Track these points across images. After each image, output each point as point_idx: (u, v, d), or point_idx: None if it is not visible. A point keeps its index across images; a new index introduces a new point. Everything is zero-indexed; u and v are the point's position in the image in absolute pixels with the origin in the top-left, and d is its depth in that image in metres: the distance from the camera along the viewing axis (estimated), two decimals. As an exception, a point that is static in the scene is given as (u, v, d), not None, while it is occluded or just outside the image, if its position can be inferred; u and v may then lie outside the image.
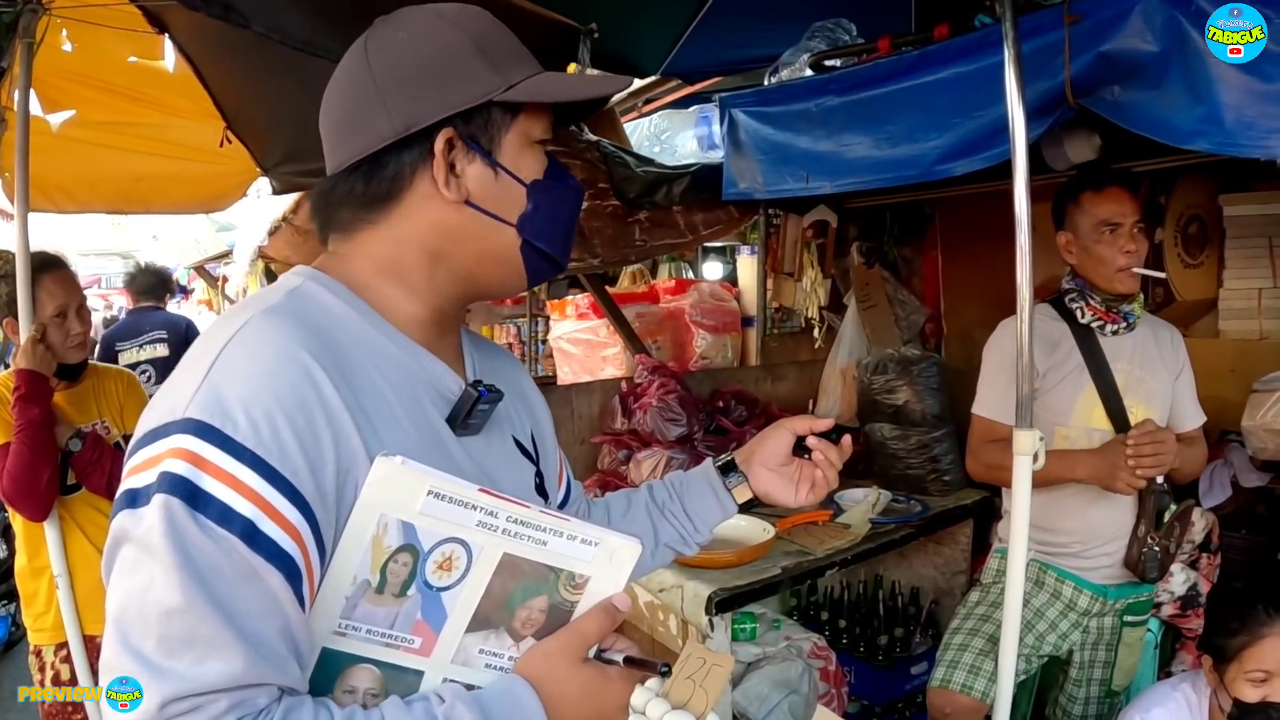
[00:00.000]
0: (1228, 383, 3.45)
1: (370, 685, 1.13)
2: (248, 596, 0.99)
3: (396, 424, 1.18)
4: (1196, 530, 3.74)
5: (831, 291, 5.30)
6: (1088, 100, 2.79)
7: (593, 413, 4.21)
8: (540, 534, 1.16)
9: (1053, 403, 3.00)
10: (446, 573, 1.12)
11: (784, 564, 3.35)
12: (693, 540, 1.75)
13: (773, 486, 1.69)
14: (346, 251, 1.30)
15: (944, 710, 3.03)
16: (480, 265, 1.31)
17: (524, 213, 1.30)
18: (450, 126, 1.23)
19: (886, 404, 4.37)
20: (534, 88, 1.28)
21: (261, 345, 1.09)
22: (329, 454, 1.07)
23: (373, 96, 1.24)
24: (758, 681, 3.55)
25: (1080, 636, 3.14)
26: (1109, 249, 2.90)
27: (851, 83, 3.53)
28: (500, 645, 1.18)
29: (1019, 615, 2.49)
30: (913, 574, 4.64)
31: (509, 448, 1.43)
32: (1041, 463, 2.45)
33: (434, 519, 1.10)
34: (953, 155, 3.19)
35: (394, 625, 1.12)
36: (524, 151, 1.30)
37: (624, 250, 4.34)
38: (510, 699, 1.12)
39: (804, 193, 3.88)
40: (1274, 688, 2.44)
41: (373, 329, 1.24)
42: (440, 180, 1.24)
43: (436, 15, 1.29)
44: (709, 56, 4.79)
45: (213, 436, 1.00)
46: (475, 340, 1.51)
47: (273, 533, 1.01)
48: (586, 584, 1.21)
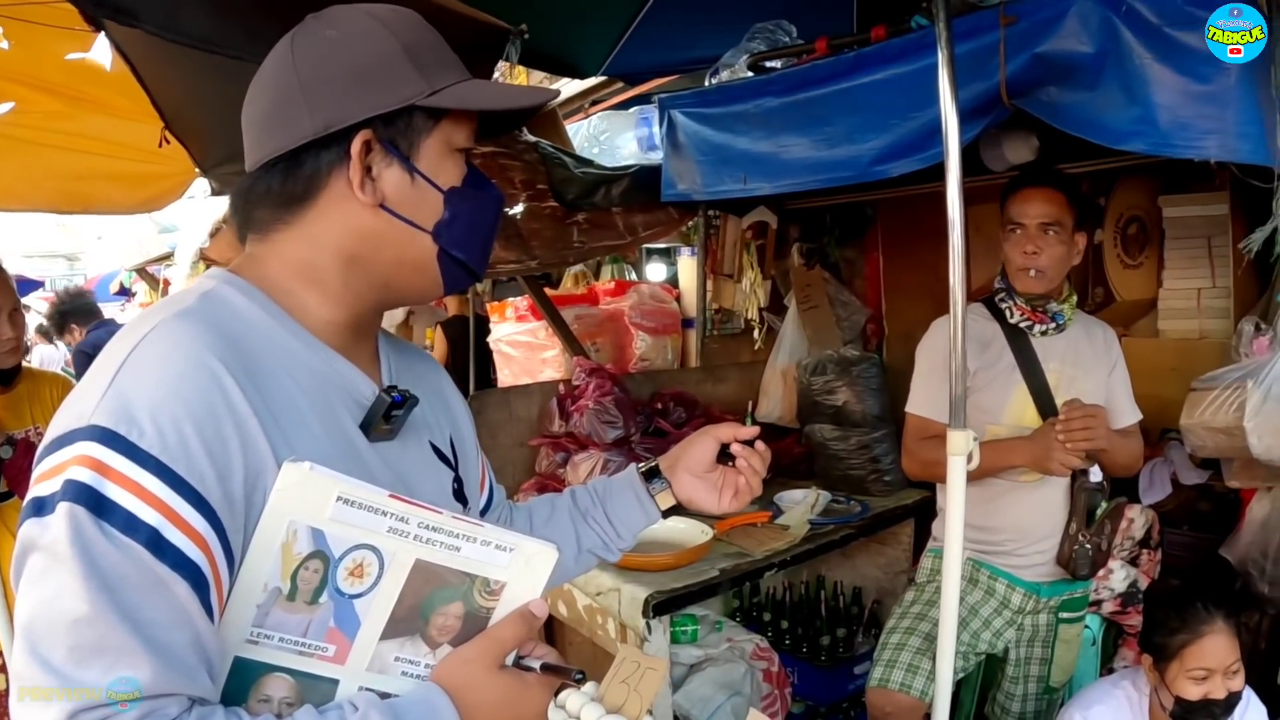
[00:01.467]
0: (1168, 382, 3.45)
1: (285, 694, 1.11)
2: (155, 606, 0.98)
3: (308, 429, 1.17)
4: (1137, 526, 3.78)
5: (772, 293, 5.33)
6: (1023, 101, 2.83)
7: (531, 415, 4.19)
8: (453, 540, 1.14)
9: (985, 401, 3.02)
10: (358, 579, 1.11)
11: (722, 566, 3.34)
12: (615, 546, 1.76)
13: (696, 493, 1.70)
14: (263, 254, 1.28)
15: (884, 709, 3.03)
16: (396, 271, 1.30)
17: (440, 220, 1.28)
18: (369, 128, 1.22)
19: (826, 405, 4.38)
20: (458, 95, 1.27)
21: (170, 350, 1.07)
22: (236, 460, 1.06)
23: (296, 93, 1.22)
24: (700, 684, 3.55)
25: (1015, 634, 3.16)
26: (1013, 248, 2.94)
27: (790, 84, 3.56)
28: (416, 653, 1.17)
29: (955, 614, 2.50)
30: (856, 574, 4.65)
31: (426, 453, 1.42)
32: (976, 463, 2.46)
33: (344, 525, 1.08)
34: (890, 156, 3.22)
35: (307, 633, 1.10)
36: (444, 159, 1.28)
37: (562, 252, 4.34)
38: (426, 707, 1.10)
39: (742, 194, 3.90)
40: (1215, 684, 2.48)
41: (286, 333, 1.22)
42: (355, 182, 1.22)
43: (368, 16, 1.27)
44: (650, 57, 4.79)
45: (118, 444, 0.99)
46: (395, 344, 1.49)
47: (179, 541, 0.99)
48: (503, 590, 1.19)
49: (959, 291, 2.41)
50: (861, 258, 5.63)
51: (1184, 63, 2.46)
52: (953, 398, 2.46)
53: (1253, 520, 3.24)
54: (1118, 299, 4.36)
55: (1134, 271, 4.41)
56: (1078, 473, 2.91)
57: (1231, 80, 2.39)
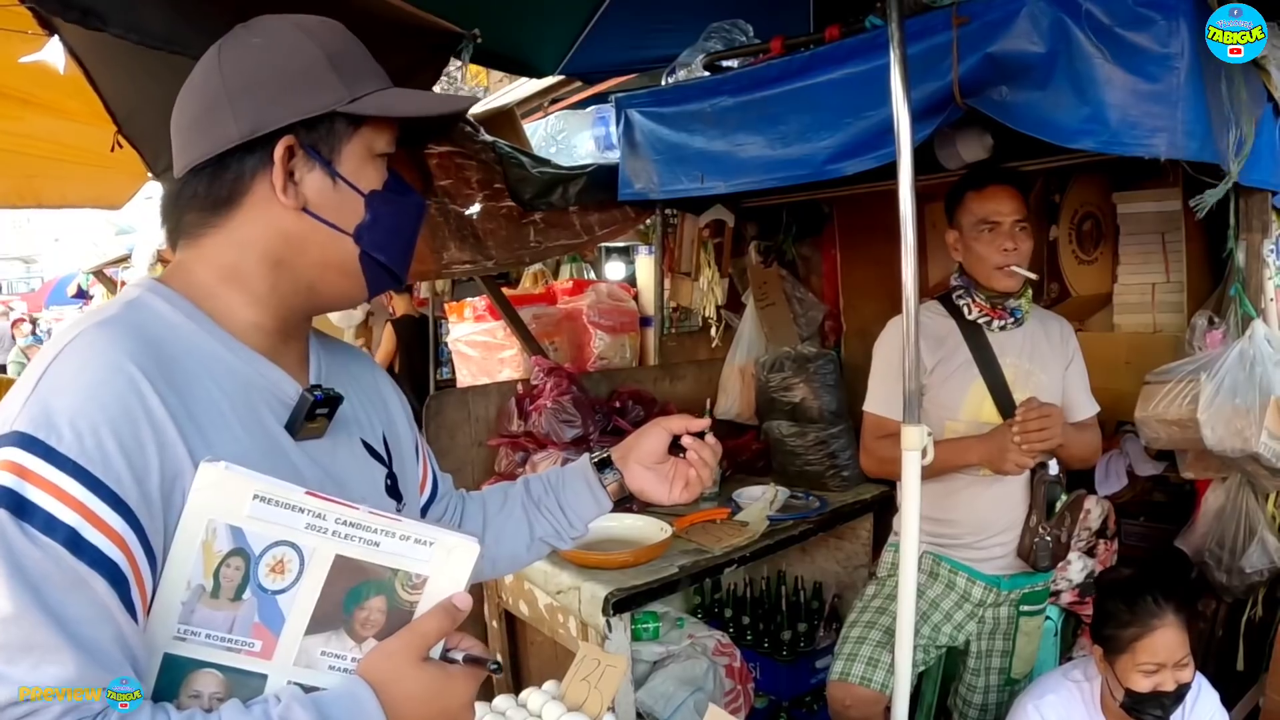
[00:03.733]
0: (1123, 375, 3.54)
1: (215, 689, 1.14)
2: (78, 603, 1.01)
3: (230, 431, 1.20)
4: (1093, 517, 3.83)
5: (730, 290, 5.34)
6: (975, 100, 2.87)
7: (489, 415, 4.20)
8: (371, 535, 1.17)
9: (942, 398, 3.05)
10: (280, 575, 1.14)
11: (681, 563, 3.36)
12: (567, 535, 1.80)
13: (647, 484, 1.75)
14: (191, 260, 1.31)
15: (844, 703, 3.06)
16: (320, 274, 1.34)
17: (362, 223, 1.33)
18: (292, 134, 1.26)
19: (784, 401, 4.41)
20: (379, 102, 1.32)
21: (90, 358, 1.12)
22: (153, 462, 1.10)
23: (222, 100, 1.27)
24: (662, 680, 3.56)
25: (976, 627, 3.19)
26: (988, 247, 2.95)
27: (745, 83, 3.58)
28: (342, 647, 1.19)
29: (913, 608, 2.51)
30: (815, 569, 4.68)
31: (357, 450, 1.45)
32: (930, 458, 2.48)
33: (262, 522, 1.12)
34: (844, 155, 3.24)
35: (233, 629, 1.14)
36: (365, 163, 1.33)
37: (519, 251, 4.33)
38: (350, 700, 1.13)
39: (699, 193, 3.93)
40: (1165, 677, 2.52)
41: (209, 338, 1.26)
42: (278, 186, 1.26)
43: (293, 25, 1.32)
44: (607, 57, 4.79)
45: (37, 448, 1.04)
46: (329, 345, 1.53)
47: (96, 540, 1.03)
48: (425, 584, 1.22)
49: (911, 289, 2.43)
50: (819, 255, 5.67)
51: (1134, 62, 2.52)
52: (906, 394, 2.48)
53: (1208, 511, 3.27)
54: (1073, 294, 4.43)
55: (1089, 267, 4.48)
56: (1037, 466, 2.95)
57: (1180, 80, 2.46)
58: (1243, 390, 2.86)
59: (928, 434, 2.46)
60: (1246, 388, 2.86)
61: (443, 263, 4.13)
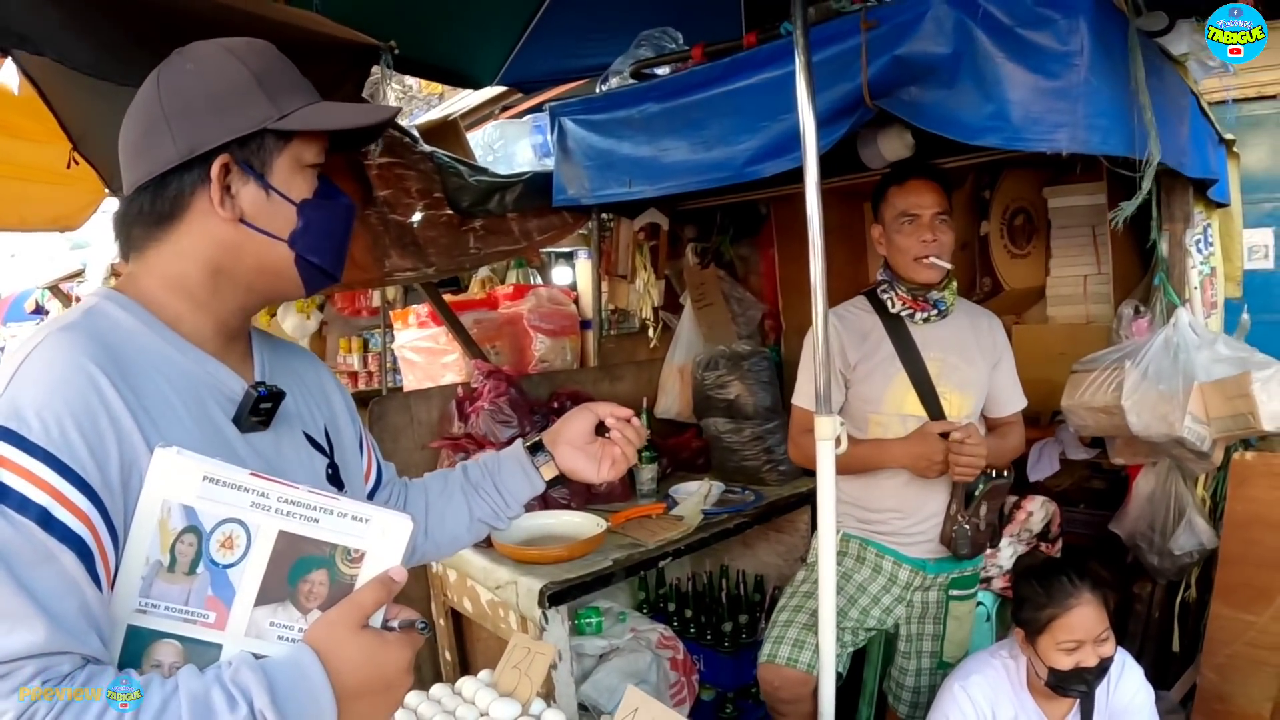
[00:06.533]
0: (1057, 365, 3.54)
1: (174, 659, 1.22)
2: (46, 576, 1.10)
3: (180, 424, 1.30)
4: (1035, 520, 3.92)
5: (668, 291, 5.41)
6: (885, 101, 2.93)
7: (432, 419, 4.25)
8: (311, 512, 1.26)
9: (865, 391, 3.13)
10: (229, 550, 1.23)
11: (615, 556, 3.43)
12: (504, 515, 1.91)
13: (577, 463, 1.87)
14: (140, 271, 1.41)
15: (773, 684, 3.13)
16: (258, 277, 1.44)
17: (295, 229, 1.43)
18: (227, 152, 1.36)
19: (720, 399, 4.48)
20: (305, 117, 1.42)
21: (55, 358, 1.21)
22: (113, 450, 1.19)
23: (160, 122, 1.37)
24: (606, 674, 3.62)
25: (905, 610, 3.26)
26: (908, 239, 3.03)
27: (669, 90, 3.67)
28: (289, 618, 1.26)
29: (834, 589, 2.59)
30: (756, 562, 4.76)
31: (299, 442, 1.54)
32: (844, 447, 2.55)
33: (211, 501, 1.21)
34: (762, 157, 3.33)
35: (188, 601, 1.22)
36: (295, 174, 1.43)
37: (459, 258, 4.39)
38: (293, 665, 1.20)
39: (628, 197, 4.01)
40: (1086, 653, 2.60)
41: (160, 340, 1.35)
42: (216, 200, 1.36)
43: (223, 49, 1.41)
44: (544, 66, 4.89)
45: (10, 438, 1.13)
46: (272, 344, 1.62)
47: (65, 518, 1.12)
48: (363, 558, 1.29)
49: (819, 287, 2.52)
50: (757, 255, 5.73)
51: (1034, 61, 2.58)
52: (818, 387, 2.56)
53: (1139, 495, 3.37)
54: (1006, 288, 4.50)
55: (1021, 261, 4.57)
56: None
57: (1080, 76, 2.53)
58: (1167, 376, 2.96)
59: (840, 424, 2.54)
60: (1171, 373, 2.95)
61: (385, 270, 4.18)
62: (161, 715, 1.08)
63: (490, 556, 3.43)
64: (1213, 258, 3.63)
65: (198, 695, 1.11)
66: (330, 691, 1.21)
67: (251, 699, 1.13)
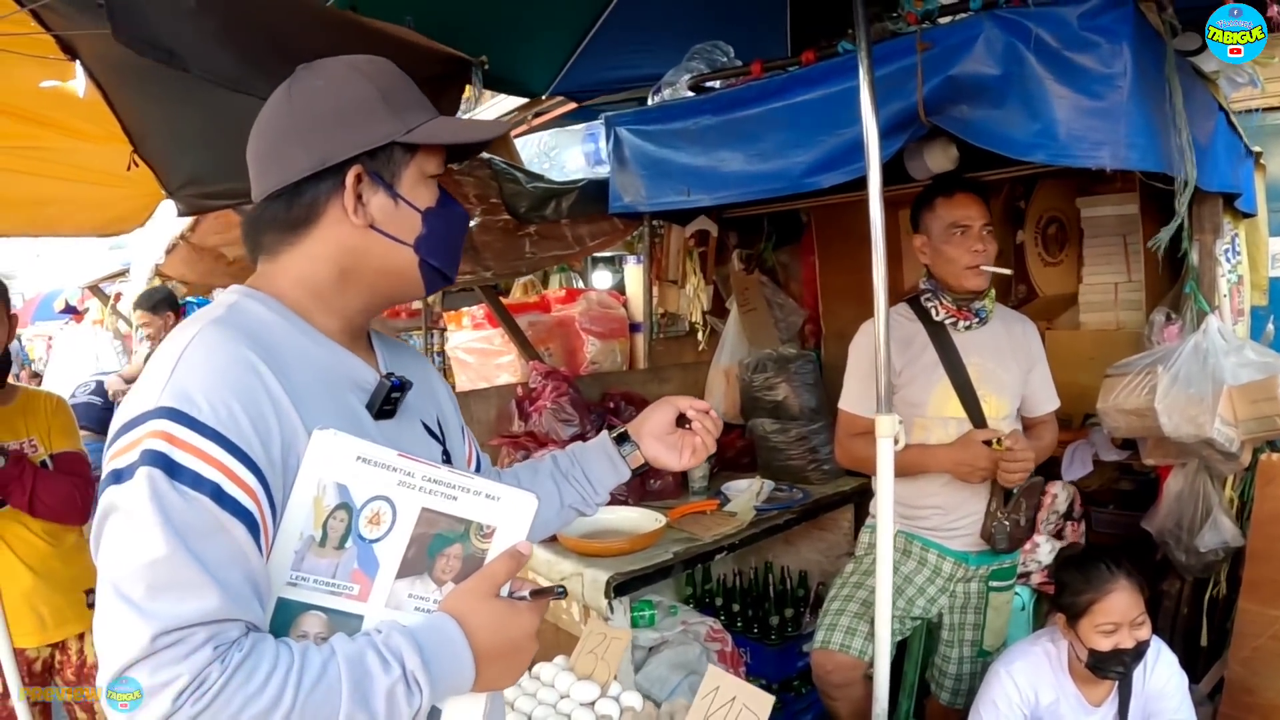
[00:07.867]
0: (1088, 370, 3.62)
1: (320, 630, 1.30)
2: (217, 547, 1.18)
3: (324, 409, 1.38)
4: (1060, 501, 4.01)
5: (714, 296, 5.49)
6: (938, 118, 3.05)
7: (489, 418, 4.37)
8: (451, 490, 1.35)
9: (911, 396, 3.23)
10: (376, 526, 1.32)
11: (675, 549, 3.55)
12: (593, 501, 1.99)
13: (660, 452, 1.94)
14: (272, 271, 1.51)
15: (826, 668, 3.24)
16: (382, 279, 1.53)
17: (419, 235, 1.52)
18: (359, 163, 1.45)
19: (767, 400, 4.57)
20: (429, 131, 1.51)
21: (214, 346, 1.30)
22: (275, 430, 1.28)
23: (292, 134, 1.46)
24: (658, 665, 3.71)
25: (948, 600, 3.37)
26: (958, 249, 3.12)
27: (725, 103, 3.77)
28: (425, 590, 1.35)
29: (890, 578, 2.69)
30: (800, 559, 4.86)
31: (418, 430, 1.64)
32: (903, 444, 2.66)
33: (362, 480, 1.31)
34: (819, 169, 3.44)
35: (336, 574, 1.31)
36: (419, 184, 1.53)
37: (514, 263, 4.50)
38: (437, 630, 1.29)
39: (684, 205, 4.12)
40: (1123, 635, 2.71)
41: (298, 333, 1.44)
42: (349, 208, 1.45)
43: (349, 67, 1.51)
44: (594, 77, 4.95)
45: (183, 419, 1.21)
46: (384, 340, 1.73)
47: (235, 493, 1.21)
48: (494, 534, 1.38)
49: (881, 292, 2.61)
50: (798, 262, 5.83)
51: (1080, 81, 2.70)
52: (879, 387, 2.65)
53: (1169, 494, 3.42)
54: (1040, 294, 4.62)
55: (1054, 269, 4.66)
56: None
57: (1123, 96, 2.64)
58: (1197, 380, 3.05)
59: (899, 423, 2.65)
60: (1200, 378, 3.05)
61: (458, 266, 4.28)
62: (322, 677, 1.17)
63: (554, 550, 3.55)
64: (1240, 266, 3.72)
65: (353, 658, 1.20)
66: (470, 654, 1.29)
67: (404, 660, 1.22)
